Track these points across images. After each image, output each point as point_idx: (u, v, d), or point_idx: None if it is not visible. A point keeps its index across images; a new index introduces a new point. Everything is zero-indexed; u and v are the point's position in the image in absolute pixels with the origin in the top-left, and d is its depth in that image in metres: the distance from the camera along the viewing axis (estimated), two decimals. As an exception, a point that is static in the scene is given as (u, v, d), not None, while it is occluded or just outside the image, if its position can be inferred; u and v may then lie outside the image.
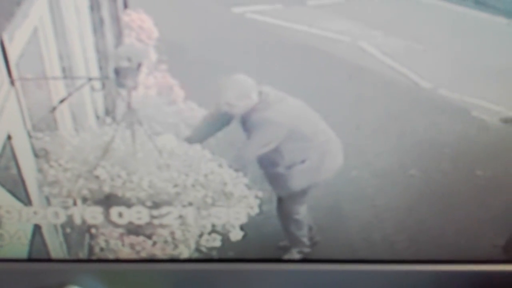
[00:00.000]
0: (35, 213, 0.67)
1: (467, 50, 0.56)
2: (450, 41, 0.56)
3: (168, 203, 0.66)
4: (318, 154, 0.64)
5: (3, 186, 0.65)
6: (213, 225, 0.68)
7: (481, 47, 0.56)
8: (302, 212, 0.69)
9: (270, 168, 0.65)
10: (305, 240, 0.70)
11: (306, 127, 0.62)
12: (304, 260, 0.72)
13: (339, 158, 0.63)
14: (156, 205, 0.67)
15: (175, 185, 0.65)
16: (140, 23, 0.55)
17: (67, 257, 0.71)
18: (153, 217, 0.68)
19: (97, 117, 0.60)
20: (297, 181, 0.66)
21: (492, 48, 0.56)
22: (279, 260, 0.71)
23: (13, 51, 0.56)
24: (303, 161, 0.65)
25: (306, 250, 0.70)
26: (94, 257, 0.71)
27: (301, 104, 0.59)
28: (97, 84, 0.59)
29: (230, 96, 0.59)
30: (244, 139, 0.62)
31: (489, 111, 0.60)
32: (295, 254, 0.70)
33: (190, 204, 0.67)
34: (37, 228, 0.68)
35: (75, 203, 0.67)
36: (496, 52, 0.57)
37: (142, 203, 0.66)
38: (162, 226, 0.68)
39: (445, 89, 0.58)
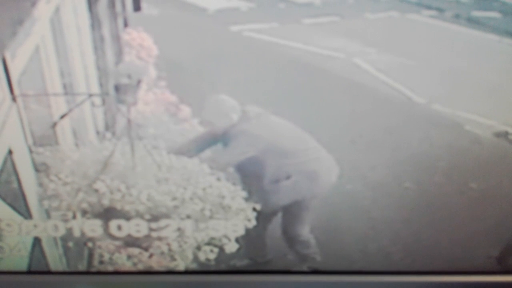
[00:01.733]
0: (35, 226, 0.67)
1: (460, 66, 0.57)
2: (442, 58, 0.57)
3: (167, 216, 0.67)
4: (306, 171, 0.65)
5: (4, 199, 0.65)
6: (211, 238, 0.69)
7: (473, 64, 0.57)
8: (305, 233, 0.70)
9: (255, 182, 0.66)
10: (317, 256, 0.71)
11: (288, 144, 0.64)
12: (300, 272, 0.73)
13: (332, 176, 0.65)
14: (154, 218, 0.68)
15: (174, 198, 0.66)
16: (140, 41, 0.56)
17: (66, 269, 0.71)
18: (151, 229, 0.68)
19: (97, 132, 0.61)
20: (282, 196, 0.68)
21: (484, 64, 0.58)
22: (275, 272, 0.72)
23: (15, 68, 0.57)
24: (288, 177, 0.66)
25: (317, 264, 0.71)
26: (93, 269, 0.72)
27: (283, 122, 0.61)
28: (97, 100, 0.60)
29: (211, 114, 0.61)
30: (221, 146, 0.64)
31: (481, 126, 0.61)
32: (304, 268, 0.71)
33: (188, 217, 0.68)
34: (37, 241, 0.69)
35: (74, 216, 0.67)
36: (487, 68, 0.58)
37: (141, 216, 0.67)
38: (160, 238, 0.69)
39: (438, 104, 0.59)
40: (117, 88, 0.59)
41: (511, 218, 0.68)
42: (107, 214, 0.67)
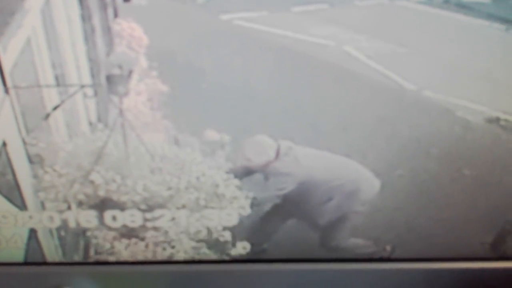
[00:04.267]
0: (30, 217, 0.68)
1: (450, 52, 0.57)
2: (433, 44, 0.57)
3: (162, 206, 0.68)
4: (347, 191, 0.68)
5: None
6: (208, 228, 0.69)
7: (463, 49, 0.57)
8: (344, 242, 0.72)
9: (299, 209, 0.69)
10: (372, 249, 0.73)
11: (324, 172, 0.67)
12: (296, 260, 0.73)
13: (374, 191, 0.67)
14: (150, 208, 0.68)
15: (169, 188, 0.67)
16: (130, 31, 0.56)
17: (62, 260, 0.72)
18: (146, 220, 0.69)
19: (90, 123, 0.62)
20: (326, 217, 0.70)
21: (474, 50, 0.58)
22: (269, 261, 0.72)
23: (7, 60, 0.57)
24: (330, 199, 0.68)
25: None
26: (89, 260, 0.72)
27: (317, 152, 0.64)
28: (89, 91, 0.60)
29: (250, 153, 0.65)
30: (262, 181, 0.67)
31: (473, 112, 0.61)
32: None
33: (184, 206, 0.68)
34: (32, 232, 0.69)
35: (69, 207, 0.68)
36: (478, 54, 0.58)
37: (137, 206, 0.67)
38: (155, 228, 0.70)
39: (430, 91, 0.59)
40: (108, 78, 0.59)
41: (504, 204, 0.69)
42: (103, 205, 0.67)
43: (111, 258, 0.72)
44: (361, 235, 0.71)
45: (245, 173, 0.66)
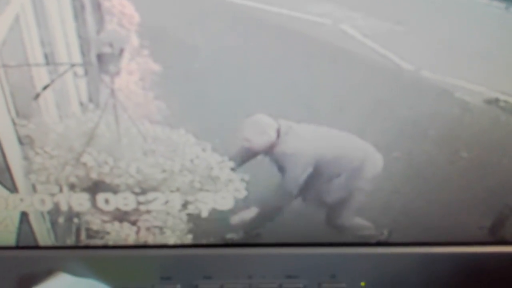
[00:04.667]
0: (21, 200, 0.67)
1: (448, 31, 0.56)
2: (431, 23, 0.56)
3: (156, 189, 0.67)
4: (353, 167, 0.66)
5: (-11, 174, 0.65)
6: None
7: (462, 29, 0.56)
8: (349, 221, 0.71)
9: (309, 185, 0.67)
10: (374, 231, 0.72)
11: (328, 149, 0.65)
12: (290, 245, 0.72)
13: (377, 168, 0.66)
14: (143, 191, 0.67)
15: (163, 171, 0.65)
16: (121, 8, 0.55)
17: (55, 244, 0.71)
18: (139, 203, 0.68)
19: (81, 103, 0.60)
20: (332, 194, 0.68)
21: (473, 29, 0.56)
22: (264, 245, 0.72)
23: (-5, 38, 0.56)
24: (338, 175, 0.67)
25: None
26: (81, 244, 0.71)
27: (317, 129, 0.62)
28: (80, 70, 0.59)
29: (250, 134, 0.63)
30: (278, 174, 0.66)
31: (472, 93, 0.60)
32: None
33: (178, 189, 0.67)
34: (24, 216, 0.68)
35: (61, 190, 0.67)
36: (477, 33, 0.57)
37: (130, 189, 0.66)
38: (148, 212, 0.69)
39: (427, 71, 0.58)
40: (99, 57, 0.57)
41: (503, 188, 0.68)
42: (96, 187, 0.66)
43: (104, 242, 0.71)
44: (361, 216, 0.70)
45: (246, 157, 0.65)
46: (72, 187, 0.66)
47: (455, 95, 0.60)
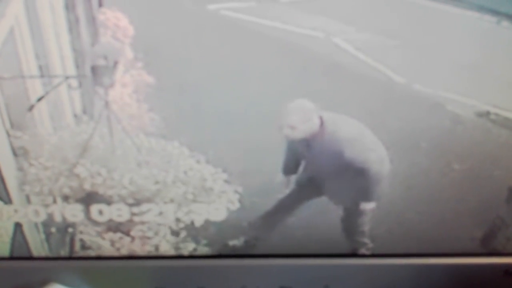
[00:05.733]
0: (15, 211, 0.67)
1: (440, 45, 0.57)
2: (422, 36, 0.56)
3: (150, 200, 0.67)
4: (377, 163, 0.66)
5: (-17, 185, 0.65)
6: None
7: (454, 42, 0.57)
8: (366, 224, 0.71)
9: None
10: (368, 241, 0.72)
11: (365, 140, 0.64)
12: (285, 255, 0.72)
13: (387, 165, 0.65)
14: (137, 202, 0.67)
15: (156, 182, 0.66)
16: (116, 21, 0.55)
17: (48, 255, 0.71)
18: (133, 214, 0.68)
19: (75, 115, 0.61)
20: (350, 195, 0.69)
21: (465, 43, 0.57)
22: (258, 256, 0.72)
23: (-10, 50, 0.56)
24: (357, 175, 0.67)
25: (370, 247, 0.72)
26: (75, 255, 0.71)
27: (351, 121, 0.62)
28: (74, 82, 0.59)
29: (293, 119, 0.61)
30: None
31: (463, 106, 0.61)
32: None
33: (171, 200, 0.67)
34: (18, 227, 0.68)
35: (55, 201, 0.67)
36: (468, 47, 0.57)
37: (124, 200, 0.67)
38: (142, 223, 0.69)
39: (419, 84, 0.59)
40: (93, 69, 0.58)
41: (494, 199, 0.68)
42: (89, 198, 0.67)
43: (98, 253, 0.71)
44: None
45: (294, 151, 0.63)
46: (65, 198, 0.67)
47: (447, 108, 0.61)
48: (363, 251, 0.72)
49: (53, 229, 0.69)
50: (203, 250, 0.71)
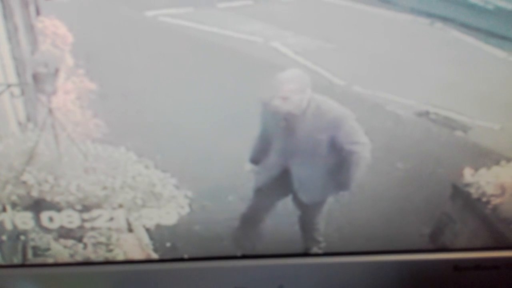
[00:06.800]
0: (-37, 220, 0.67)
1: (377, 47, 0.58)
2: (359, 39, 0.58)
3: (98, 205, 0.67)
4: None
5: None
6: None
7: (389, 44, 0.58)
8: (322, 221, 0.71)
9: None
10: (321, 239, 0.72)
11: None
12: (239, 257, 0.73)
13: (368, 150, 0.65)
14: (86, 208, 0.67)
15: (104, 188, 0.66)
16: (54, 29, 0.55)
17: (1, 263, 0.71)
18: (84, 220, 0.68)
19: (19, 123, 0.61)
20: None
21: (400, 45, 0.58)
22: (213, 258, 0.72)
23: None
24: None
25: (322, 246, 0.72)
26: (28, 262, 0.71)
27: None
28: (16, 91, 0.59)
29: (289, 88, 0.58)
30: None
31: (403, 106, 0.62)
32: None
33: (120, 206, 0.68)
34: (-32, 236, 0.68)
35: (4, 209, 0.67)
36: (404, 49, 0.59)
37: (71, 206, 0.67)
38: (93, 228, 0.69)
39: (359, 86, 0.60)
40: (35, 77, 0.58)
41: (440, 196, 0.70)
42: (37, 206, 0.67)
43: (52, 260, 0.71)
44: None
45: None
46: (14, 205, 0.66)
47: (387, 108, 0.62)
48: (315, 249, 0.73)
49: (4, 237, 0.69)
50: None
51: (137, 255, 0.72)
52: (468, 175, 0.68)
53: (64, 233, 0.69)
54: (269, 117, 0.61)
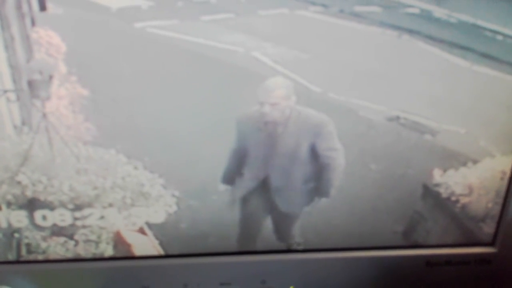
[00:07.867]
0: (-40, 218, 0.70)
1: (349, 57, 0.62)
2: (332, 50, 0.62)
3: (89, 205, 0.71)
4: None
5: None
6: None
7: (360, 55, 0.62)
8: (297, 230, 0.74)
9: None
10: (300, 240, 0.75)
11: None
12: (224, 253, 0.77)
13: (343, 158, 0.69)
14: (78, 207, 0.71)
15: (95, 188, 0.70)
16: (48, 39, 0.59)
17: (-3, 259, 0.74)
18: (76, 218, 0.72)
19: (15, 126, 0.64)
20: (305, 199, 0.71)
21: (371, 55, 0.63)
22: (198, 255, 0.76)
23: None
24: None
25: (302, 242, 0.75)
26: (23, 259, 0.74)
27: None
28: (12, 96, 0.63)
29: (277, 95, 0.62)
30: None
31: (374, 111, 0.66)
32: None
33: (111, 205, 0.71)
34: (-36, 233, 0.71)
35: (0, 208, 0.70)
36: (375, 59, 0.63)
37: (64, 205, 0.70)
38: (85, 226, 0.72)
39: (333, 93, 0.64)
40: (30, 84, 0.62)
41: (411, 196, 0.74)
42: (31, 204, 0.70)
43: (44, 257, 0.75)
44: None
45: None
46: (9, 204, 0.70)
47: (359, 113, 0.67)
48: (295, 247, 0.77)
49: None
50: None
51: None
52: (437, 175, 0.72)
53: (56, 230, 0.73)
54: (249, 128, 0.65)
